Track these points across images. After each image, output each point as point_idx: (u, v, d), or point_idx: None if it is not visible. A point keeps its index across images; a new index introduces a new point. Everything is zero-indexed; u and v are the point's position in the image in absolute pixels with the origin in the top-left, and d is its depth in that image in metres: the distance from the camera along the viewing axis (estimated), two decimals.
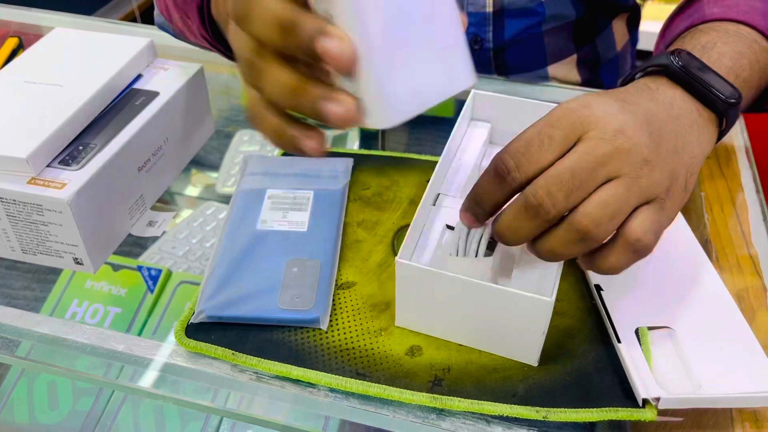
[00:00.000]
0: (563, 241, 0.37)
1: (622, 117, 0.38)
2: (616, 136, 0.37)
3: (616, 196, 0.36)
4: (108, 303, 0.64)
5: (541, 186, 0.37)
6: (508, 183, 0.38)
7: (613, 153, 0.37)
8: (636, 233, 0.38)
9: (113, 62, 0.55)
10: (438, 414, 0.41)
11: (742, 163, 0.63)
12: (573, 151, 0.37)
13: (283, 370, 0.43)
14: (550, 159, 0.37)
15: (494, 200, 0.40)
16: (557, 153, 0.37)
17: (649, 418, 0.40)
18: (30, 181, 0.46)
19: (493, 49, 0.78)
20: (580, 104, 0.39)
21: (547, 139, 0.38)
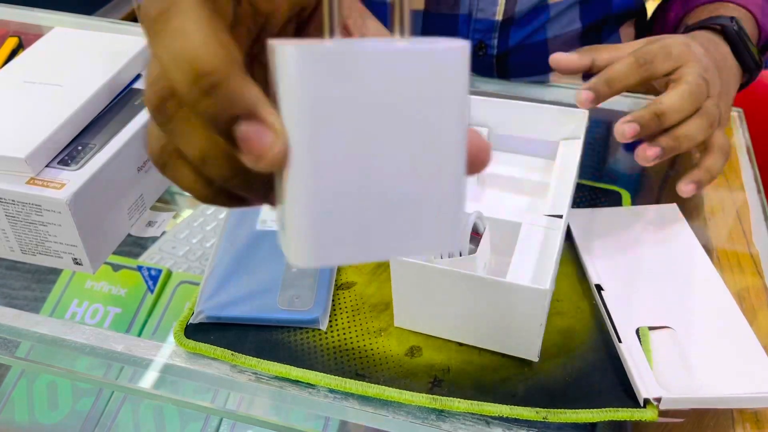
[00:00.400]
0: (700, 125, 0.50)
1: (706, 61, 0.53)
2: (707, 71, 0.52)
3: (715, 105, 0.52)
4: (108, 303, 0.64)
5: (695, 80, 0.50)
6: (642, 72, 0.51)
7: (708, 81, 0.51)
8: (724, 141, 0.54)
9: (112, 62, 0.55)
10: (438, 415, 0.41)
11: (743, 163, 0.63)
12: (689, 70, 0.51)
13: (283, 371, 0.43)
14: (667, 69, 0.52)
15: (624, 83, 0.51)
16: (671, 67, 0.52)
17: (650, 418, 0.40)
18: (29, 181, 0.46)
19: (496, 55, 0.78)
20: (683, 41, 0.53)
21: (668, 54, 0.52)
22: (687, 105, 0.50)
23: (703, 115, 0.50)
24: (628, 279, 0.49)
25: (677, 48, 0.52)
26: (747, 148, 0.65)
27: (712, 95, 0.52)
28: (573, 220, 0.54)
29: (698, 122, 0.50)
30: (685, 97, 0.49)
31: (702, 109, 0.50)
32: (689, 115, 0.50)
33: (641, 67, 0.51)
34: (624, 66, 0.51)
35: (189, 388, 0.44)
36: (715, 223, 0.57)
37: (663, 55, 0.52)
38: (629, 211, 0.56)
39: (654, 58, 0.51)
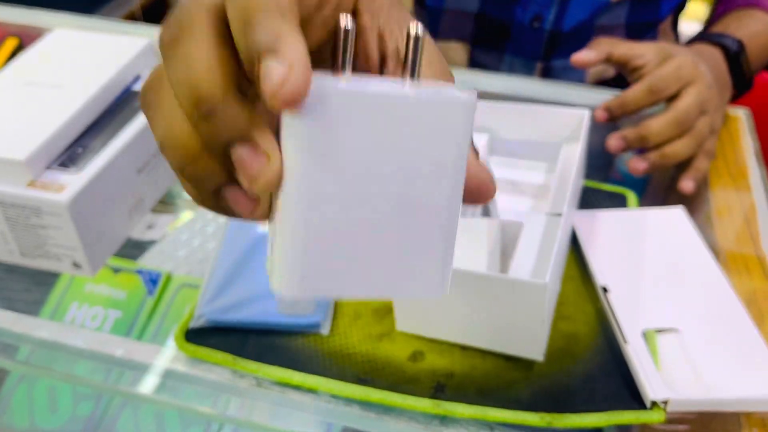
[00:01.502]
0: (687, 145, 0.57)
1: (709, 77, 0.59)
2: (710, 89, 0.59)
3: (709, 122, 0.59)
4: (108, 306, 0.63)
5: (685, 109, 0.56)
6: (653, 99, 0.58)
7: (709, 98, 0.58)
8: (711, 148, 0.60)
9: (112, 63, 0.55)
10: (441, 420, 0.41)
11: (751, 165, 0.62)
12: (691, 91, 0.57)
13: (284, 376, 0.42)
14: (676, 90, 0.57)
15: (635, 108, 0.59)
16: (679, 88, 0.57)
17: (656, 420, 0.40)
18: (28, 184, 0.46)
19: (550, 30, 0.78)
20: (693, 61, 0.59)
21: (678, 78, 0.57)
22: (671, 131, 0.57)
23: (692, 136, 0.57)
24: (634, 281, 0.48)
25: (687, 69, 0.58)
26: (755, 150, 0.64)
27: (708, 110, 0.58)
28: (579, 222, 0.53)
29: (686, 142, 0.57)
30: (671, 123, 0.56)
31: (693, 129, 0.57)
32: (676, 137, 0.57)
33: (653, 95, 0.58)
34: (638, 93, 0.58)
35: (190, 393, 0.43)
36: (722, 225, 0.56)
37: (674, 79, 0.57)
38: (635, 213, 0.56)
39: (667, 86, 0.57)
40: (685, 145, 0.57)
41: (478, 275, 0.40)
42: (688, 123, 0.57)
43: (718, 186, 0.60)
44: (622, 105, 0.59)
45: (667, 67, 0.58)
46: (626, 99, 0.59)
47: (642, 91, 0.58)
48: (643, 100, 0.58)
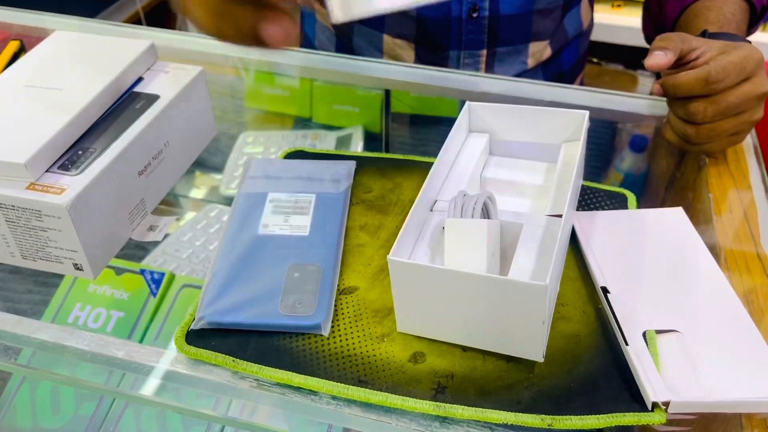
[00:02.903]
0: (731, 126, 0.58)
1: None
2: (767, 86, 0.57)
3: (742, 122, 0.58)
4: (111, 307, 0.63)
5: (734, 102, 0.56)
6: (710, 88, 0.56)
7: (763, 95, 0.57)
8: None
9: (113, 65, 0.55)
10: (441, 422, 0.41)
11: (750, 163, 0.62)
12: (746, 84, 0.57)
13: (284, 378, 0.42)
14: (736, 83, 0.56)
15: (688, 93, 0.57)
16: (741, 80, 0.56)
17: (657, 421, 0.40)
18: (29, 187, 0.46)
19: (488, 17, 0.79)
20: (760, 56, 0.58)
21: (742, 71, 0.56)
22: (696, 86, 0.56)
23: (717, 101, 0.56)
24: (634, 282, 0.48)
25: (753, 60, 0.57)
26: (755, 148, 0.64)
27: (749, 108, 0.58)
28: (578, 222, 0.53)
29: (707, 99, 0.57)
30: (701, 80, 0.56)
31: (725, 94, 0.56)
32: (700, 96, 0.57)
33: (709, 85, 0.56)
34: (694, 80, 0.56)
35: (191, 395, 0.44)
36: (722, 224, 0.56)
37: (736, 72, 0.56)
38: (635, 214, 0.56)
39: (726, 78, 0.56)
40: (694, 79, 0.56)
41: (478, 277, 0.40)
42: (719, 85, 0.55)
43: (718, 186, 0.60)
44: (674, 88, 0.58)
45: (734, 57, 0.57)
46: (680, 82, 0.57)
47: (698, 79, 0.56)
48: (697, 88, 0.56)
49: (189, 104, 0.57)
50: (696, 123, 0.58)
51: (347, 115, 0.82)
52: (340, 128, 0.82)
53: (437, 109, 0.82)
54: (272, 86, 0.85)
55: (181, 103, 0.56)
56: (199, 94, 0.59)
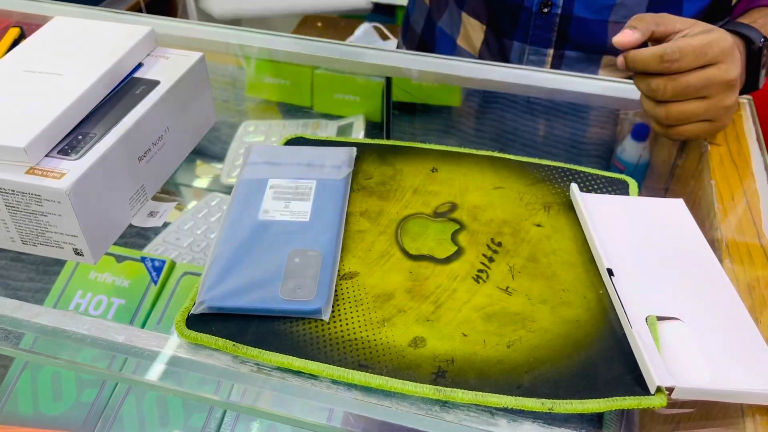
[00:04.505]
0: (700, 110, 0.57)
1: (738, 63, 0.57)
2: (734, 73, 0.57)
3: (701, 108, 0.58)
4: (111, 294, 0.63)
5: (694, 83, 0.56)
6: (663, 67, 0.56)
7: (730, 82, 0.57)
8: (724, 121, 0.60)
9: (113, 51, 0.55)
10: (441, 406, 0.41)
11: (753, 152, 0.62)
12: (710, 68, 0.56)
13: (285, 362, 0.42)
14: (697, 65, 0.56)
15: (643, 68, 0.57)
16: (702, 65, 0.56)
17: (659, 405, 0.40)
18: (28, 171, 0.46)
19: (560, 15, 0.76)
20: (728, 44, 0.57)
21: (702, 55, 0.55)
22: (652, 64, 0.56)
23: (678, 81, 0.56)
24: (635, 268, 0.48)
25: (717, 46, 0.56)
26: (757, 136, 0.64)
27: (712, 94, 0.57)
28: (584, 203, 0.53)
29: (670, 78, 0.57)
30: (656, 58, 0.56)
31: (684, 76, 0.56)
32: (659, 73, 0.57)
33: (663, 63, 0.56)
34: (650, 57, 0.56)
35: (192, 380, 0.44)
36: (724, 212, 0.56)
37: (695, 55, 0.55)
38: (636, 201, 0.56)
39: (683, 58, 0.55)
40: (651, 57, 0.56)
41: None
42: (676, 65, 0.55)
43: (720, 173, 0.60)
44: (631, 62, 0.58)
45: (695, 40, 0.56)
46: (635, 57, 0.57)
47: (653, 56, 0.56)
48: (651, 64, 0.56)
49: (189, 90, 0.57)
50: (659, 101, 0.58)
51: (348, 104, 0.82)
52: (341, 117, 0.82)
53: (438, 98, 0.82)
54: (273, 75, 0.84)
55: (181, 89, 0.56)
56: (199, 80, 0.58)
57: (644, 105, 0.61)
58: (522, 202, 0.55)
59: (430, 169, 0.58)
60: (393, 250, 0.50)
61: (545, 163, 0.59)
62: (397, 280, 0.48)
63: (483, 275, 0.48)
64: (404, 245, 0.51)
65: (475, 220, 0.53)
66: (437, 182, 0.57)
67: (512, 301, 0.46)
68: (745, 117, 0.66)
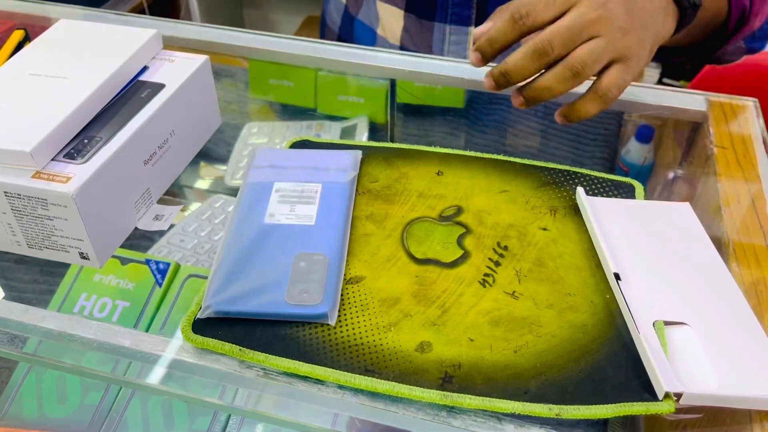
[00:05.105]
0: (558, 77, 0.49)
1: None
2: (600, 6, 0.49)
3: (598, 48, 0.49)
4: (116, 297, 0.63)
5: (545, 36, 0.48)
6: (519, 27, 0.50)
7: (597, 19, 0.49)
8: (606, 85, 0.51)
9: (119, 54, 0.55)
10: (448, 411, 0.41)
11: (759, 153, 0.62)
12: (569, 13, 0.48)
13: (291, 367, 0.42)
14: (551, 16, 0.49)
15: (504, 41, 0.51)
16: (557, 13, 0.49)
17: (666, 410, 0.39)
18: (34, 175, 0.46)
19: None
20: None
21: (550, 2, 0.49)
22: (528, 63, 0.49)
23: (565, 65, 0.49)
24: (642, 272, 0.48)
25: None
26: (763, 138, 0.64)
27: (602, 34, 0.49)
28: (591, 207, 0.53)
29: (556, 73, 0.49)
30: (528, 55, 0.49)
31: (567, 58, 0.49)
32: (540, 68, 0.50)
33: (517, 23, 0.50)
34: (501, 24, 0.51)
35: (197, 384, 0.44)
36: (730, 214, 0.56)
37: (544, 3, 0.49)
38: (643, 204, 0.55)
39: (532, 10, 0.50)
40: (555, 77, 0.49)
41: None
42: (550, 50, 0.49)
43: (726, 175, 0.60)
44: (490, 41, 0.51)
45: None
46: (492, 35, 0.51)
47: (505, 20, 0.50)
48: (507, 30, 0.50)
49: (194, 93, 0.57)
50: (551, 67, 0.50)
51: (352, 105, 0.82)
52: (345, 119, 0.82)
53: (443, 100, 0.82)
54: (277, 77, 0.84)
55: (186, 92, 0.56)
56: (204, 83, 0.58)
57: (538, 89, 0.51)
58: (528, 206, 0.55)
59: (436, 173, 0.58)
60: (399, 254, 0.50)
61: (551, 166, 0.59)
62: (403, 285, 0.48)
63: (489, 279, 0.48)
64: (410, 249, 0.51)
65: (481, 223, 0.53)
66: (443, 185, 0.57)
67: (519, 306, 0.46)
68: (751, 119, 0.66)
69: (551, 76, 0.49)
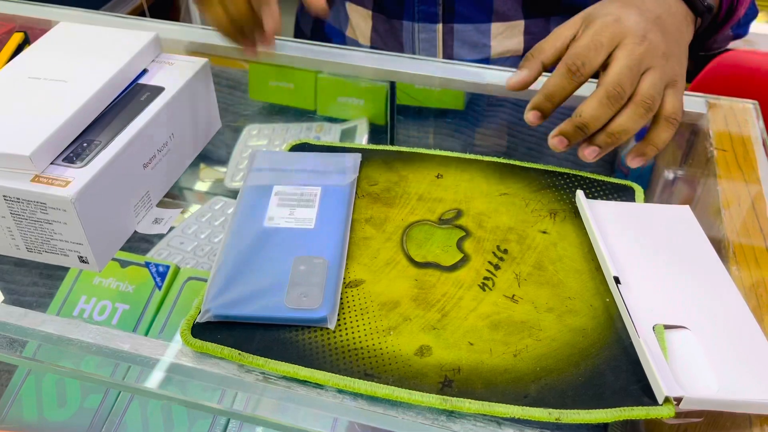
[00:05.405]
0: (634, 117, 0.50)
1: (643, 24, 0.51)
2: (643, 39, 0.51)
3: (655, 79, 0.51)
4: (116, 300, 0.63)
5: (615, 81, 0.49)
6: (577, 78, 0.51)
7: (645, 52, 0.50)
8: (672, 111, 0.52)
9: (118, 57, 0.55)
10: (448, 416, 0.41)
11: (759, 155, 0.62)
12: (620, 53, 0.50)
13: (291, 371, 0.42)
14: (602, 60, 0.51)
15: (564, 94, 0.52)
16: (606, 55, 0.51)
17: (666, 415, 0.39)
18: (33, 179, 0.46)
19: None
20: (613, 18, 0.52)
21: (598, 45, 0.51)
22: (606, 110, 0.50)
23: (637, 103, 0.50)
24: (642, 276, 0.48)
25: (607, 32, 0.51)
26: (763, 141, 0.63)
27: (652, 65, 0.51)
28: (590, 209, 0.53)
29: (631, 112, 0.50)
30: (603, 103, 0.50)
31: (636, 95, 0.50)
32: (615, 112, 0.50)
33: (575, 75, 0.51)
34: (559, 78, 0.51)
35: (196, 388, 0.43)
36: (730, 216, 0.56)
37: (594, 48, 0.51)
38: (643, 207, 0.55)
39: (585, 59, 0.51)
40: (630, 117, 0.50)
41: None
42: (623, 93, 0.50)
43: (726, 177, 0.60)
44: (549, 97, 0.52)
45: (583, 40, 0.52)
46: (551, 89, 0.52)
47: (560, 75, 0.51)
48: (565, 84, 0.51)
49: (194, 96, 0.57)
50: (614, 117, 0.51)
51: (352, 107, 0.82)
52: (345, 120, 0.82)
53: (442, 101, 0.81)
54: (277, 79, 0.84)
55: (185, 95, 0.56)
56: (203, 86, 0.58)
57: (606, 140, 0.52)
58: (527, 209, 0.55)
59: (435, 176, 0.58)
60: (399, 258, 0.50)
61: (550, 169, 0.59)
62: (402, 288, 0.48)
63: (489, 283, 0.48)
64: (410, 252, 0.51)
65: (481, 227, 0.53)
66: (442, 188, 0.56)
67: (518, 310, 0.46)
68: (751, 122, 0.66)
69: (626, 118, 0.50)
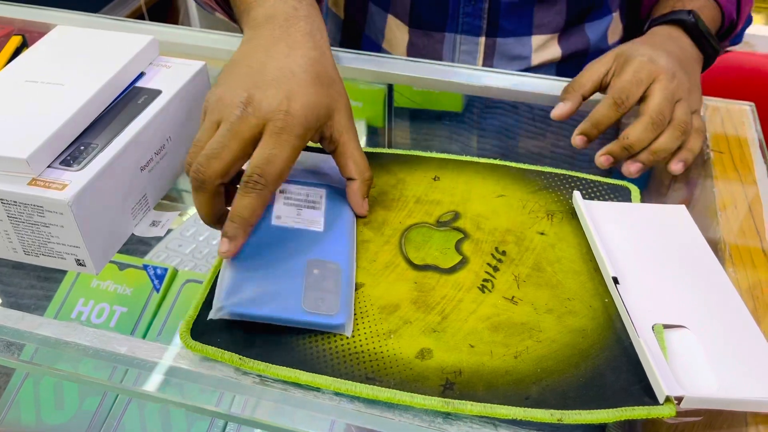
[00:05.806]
0: (673, 139, 0.58)
1: (672, 64, 0.60)
2: (673, 77, 0.59)
3: (685, 108, 0.59)
4: (114, 302, 0.63)
5: (658, 110, 0.58)
6: (621, 109, 0.59)
7: (677, 87, 0.59)
8: (700, 126, 0.62)
9: (115, 60, 0.55)
10: (444, 418, 0.41)
11: (755, 157, 0.62)
12: (657, 88, 0.59)
13: (291, 376, 0.42)
14: (641, 93, 0.59)
15: (608, 123, 0.59)
16: (644, 89, 0.59)
17: (667, 414, 0.39)
18: (30, 182, 0.46)
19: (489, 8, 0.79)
20: (647, 59, 0.60)
21: (639, 82, 0.59)
22: (650, 134, 0.57)
23: (674, 127, 0.58)
24: (641, 275, 0.48)
25: (645, 70, 0.59)
26: (759, 143, 0.64)
27: (681, 97, 0.60)
28: (587, 210, 0.53)
29: (670, 134, 0.58)
30: (648, 127, 0.57)
31: (673, 120, 0.58)
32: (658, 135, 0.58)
33: (620, 107, 0.59)
34: (606, 109, 0.59)
35: (194, 391, 0.43)
36: (727, 218, 0.56)
37: (635, 84, 0.59)
38: (639, 207, 0.55)
39: (630, 93, 0.59)
40: (670, 138, 0.58)
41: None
42: (664, 119, 0.58)
43: (722, 179, 0.60)
44: (596, 125, 0.60)
45: (625, 76, 0.60)
46: (596, 118, 0.60)
47: (608, 107, 0.59)
48: (612, 115, 0.59)
49: (191, 99, 0.57)
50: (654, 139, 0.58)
51: None
52: None
53: (440, 104, 0.82)
54: None
55: (183, 98, 0.56)
56: (201, 89, 0.58)
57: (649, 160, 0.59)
58: (525, 210, 0.55)
59: (432, 178, 0.58)
60: (398, 261, 0.50)
61: (547, 170, 0.59)
62: (402, 291, 0.48)
63: (488, 285, 0.48)
64: (408, 255, 0.51)
65: (479, 228, 0.53)
66: (439, 191, 0.56)
67: (518, 311, 0.46)
68: (748, 123, 0.66)
69: (666, 139, 0.58)
